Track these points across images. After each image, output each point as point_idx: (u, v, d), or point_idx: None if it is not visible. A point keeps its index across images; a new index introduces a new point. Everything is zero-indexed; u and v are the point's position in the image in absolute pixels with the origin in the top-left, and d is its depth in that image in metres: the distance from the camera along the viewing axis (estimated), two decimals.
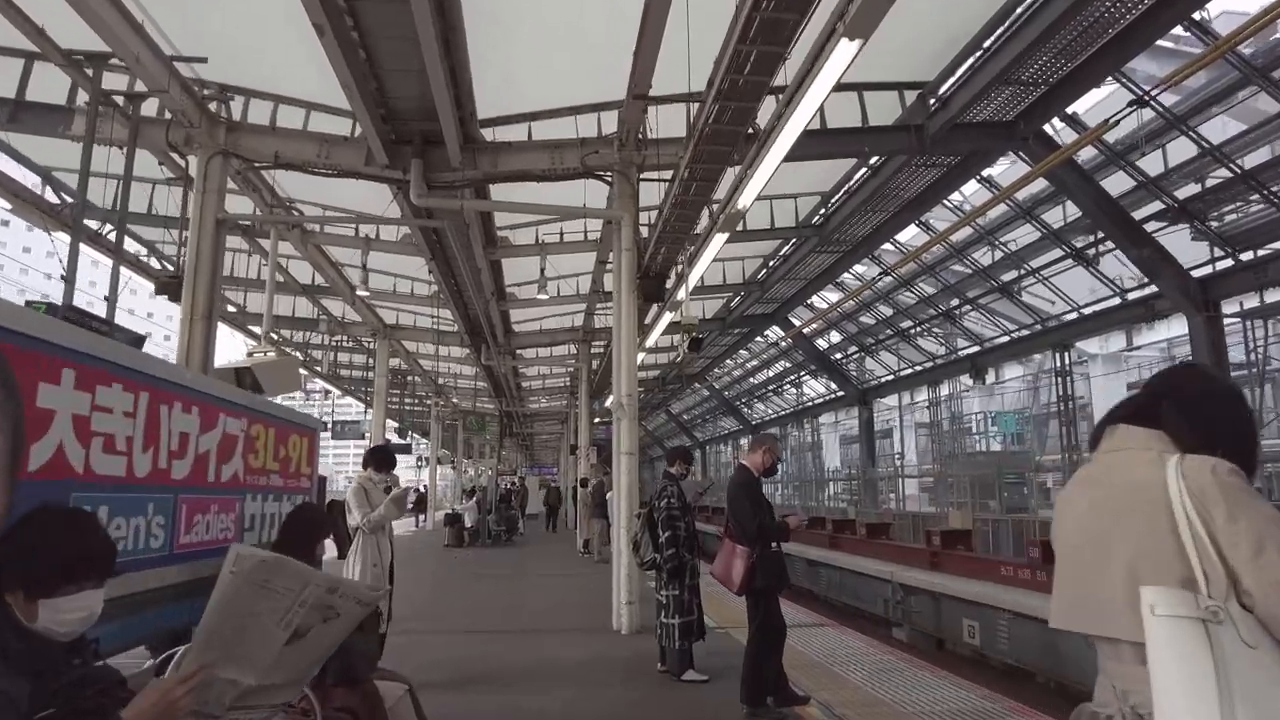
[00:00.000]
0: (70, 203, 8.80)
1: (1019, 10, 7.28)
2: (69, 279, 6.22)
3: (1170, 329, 14.15)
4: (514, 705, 4.79)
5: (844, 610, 11.55)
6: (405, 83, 6.77)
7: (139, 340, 3.00)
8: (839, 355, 21.17)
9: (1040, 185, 10.88)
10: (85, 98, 6.66)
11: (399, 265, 12.56)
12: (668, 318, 9.55)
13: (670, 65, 5.94)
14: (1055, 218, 11.65)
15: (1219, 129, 9.26)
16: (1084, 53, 7.42)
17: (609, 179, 8.02)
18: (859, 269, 15.33)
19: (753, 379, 27.88)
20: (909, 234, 13.77)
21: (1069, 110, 9.05)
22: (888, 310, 17.31)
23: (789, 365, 24.41)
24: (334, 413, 28.14)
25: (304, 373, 19.45)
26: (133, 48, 6.03)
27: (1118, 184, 10.06)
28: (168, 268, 10.42)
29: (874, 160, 10.10)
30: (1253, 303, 10.09)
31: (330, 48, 5.80)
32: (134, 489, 2.28)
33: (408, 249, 11.12)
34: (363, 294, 12.29)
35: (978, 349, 16.03)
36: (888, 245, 13.91)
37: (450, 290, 12.60)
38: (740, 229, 8.11)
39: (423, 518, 26.17)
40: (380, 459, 5.16)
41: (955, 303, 15.34)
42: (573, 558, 14.64)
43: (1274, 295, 9.78)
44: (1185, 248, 10.10)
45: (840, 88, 4.96)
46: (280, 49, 7.05)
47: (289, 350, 14.78)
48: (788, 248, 13.45)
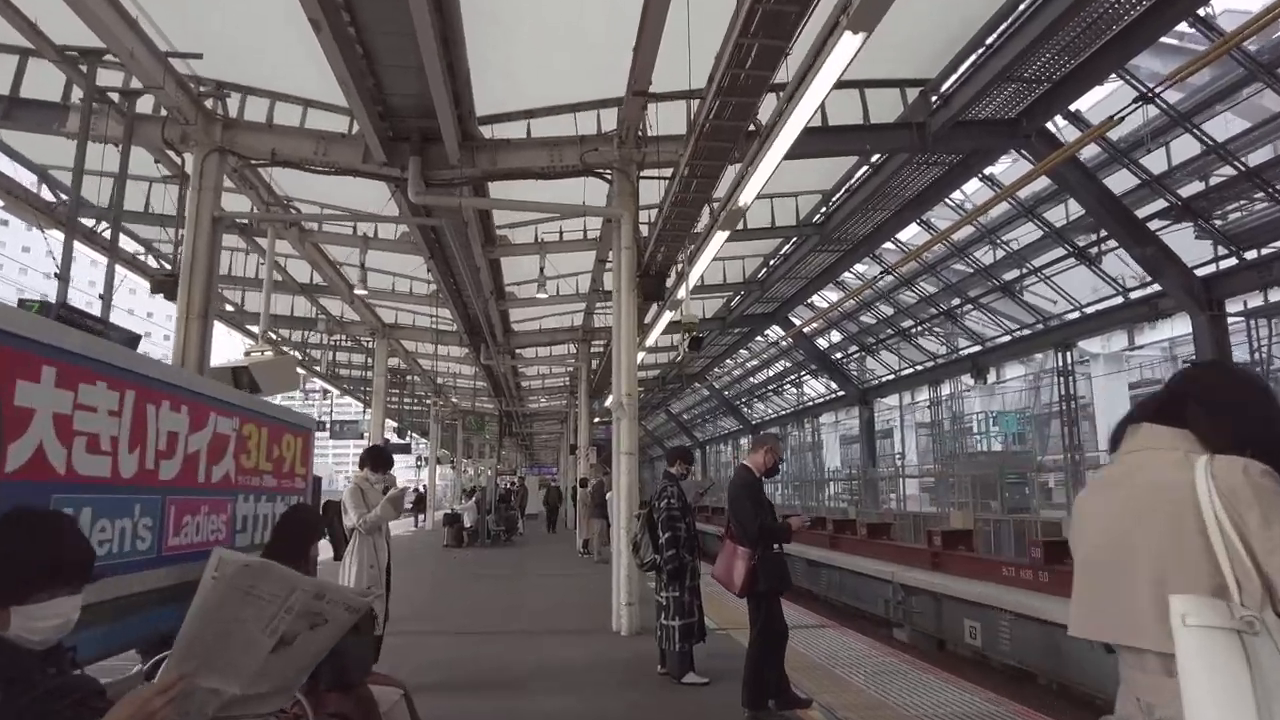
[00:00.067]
0: (65, 200, 8.74)
1: (1022, 7, 7.24)
2: (63, 277, 6.18)
3: (1173, 328, 14.09)
4: (512, 708, 4.74)
5: (844, 611, 11.51)
6: (403, 79, 6.71)
7: (134, 339, 2.94)
8: (839, 355, 21.13)
9: (1042, 184, 10.82)
10: (80, 94, 6.61)
11: (397, 264, 12.52)
12: (668, 317, 9.49)
13: (670, 63, 5.89)
14: (1057, 216, 11.59)
15: (1221, 127, 9.20)
16: (1087, 49, 7.37)
17: (608, 177, 7.96)
18: (860, 268, 15.28)
19: (753, 379, 27.83)
20: (910, 233, 13.73)
21: (1072, 108, 8.98)
22: (889, 309, 17.26)
23: (789, 365, 24.36)
24: (333, 412, 28.02)
25: (302, 372, 19.40)
26: (127, 43, 5.98)
27: (1121, 182, 10.00)
28: (165, 266, 10.36)
29: (875, 158, 10.05)
30: (1257, 302, 10.05)
31: (327, 43, 5.74)
32: (119, 490, 2.21)
33: (406, 248, 11.07)
34: (361, 293, 12.24)
35: (979, 348, 15.98)
36: (889, 244, 13.87)
37: (449, 289, 12.55)
38: (741, 227, 8.06)
39: (422, 518, 26.14)
40: (377, 459, 5.09)
41: (956, 302, 15.29)
42: (572, 558, 14.59)
43: (1278, 294, 9.73)
44: (1189, 246, 10.05)
45: (842, 85, 4.91)
46: (277, 45, 7.00)
47: (287, 350, 14.74)
48: (788, 247, 13.40)
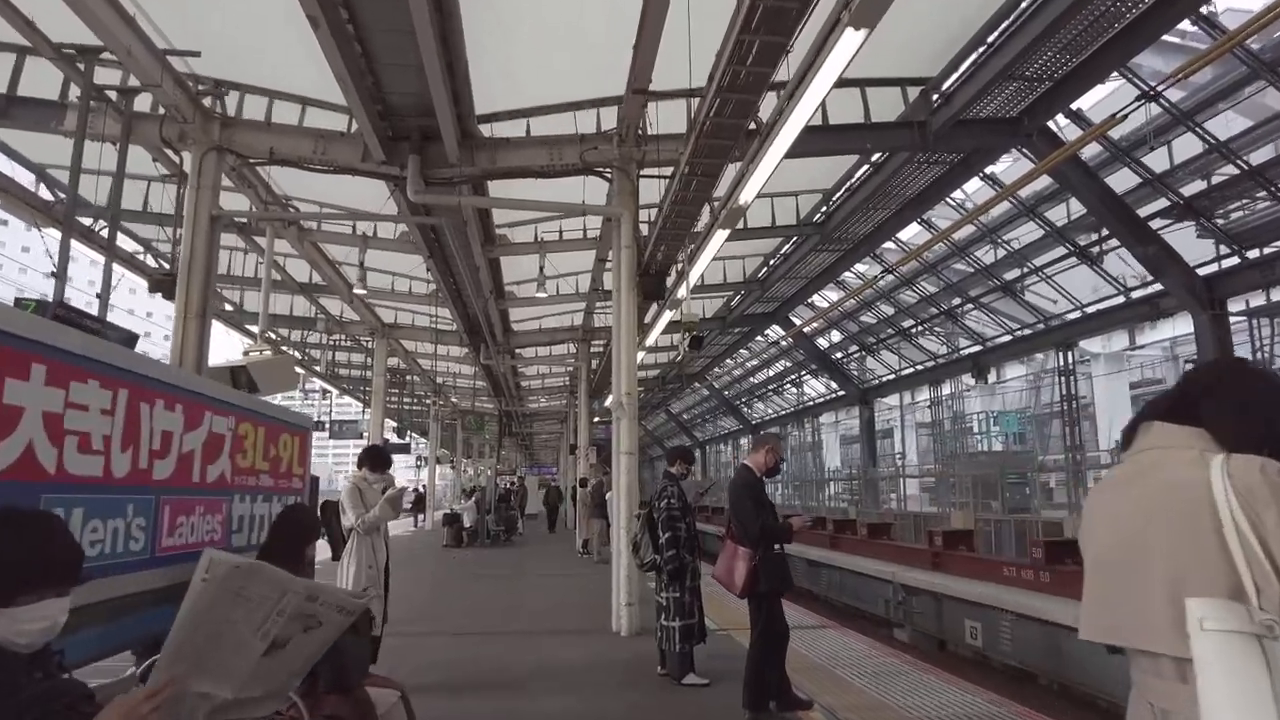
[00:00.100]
0: (63, 199, 8.71)
1: (1023, 4, 7.21)
2: (59, 276, 6.15)
3: (1174, 328, 14.05)
4: (511, 710, 4.71)
5: (845, 611, 11.48)
6: (402, 77, 6.68)
7: (131, 339, 2.91)
8: (840, 354, 21.09)
9: (1044, 182, 10.79)
10: (78, 92, 6.57)
11: (397, 263, 12.50)
12: (667, 316, 9.46)
13: (671, 62, 5.86)
14: (1059, 215, 11.56)
15: (1222, 126, 9.17)
16: (1089, 47, 7.33)
17: (608, 175, 7.93)
18: (860, 267, 15.25)
19: (753, 378, 27.80)
20: (911, 232, 13.70)
21: (1073, 106, 8.95)
22: (889, 309, 17.23)
23: (789, 364, 24.33)
24: (332, 412, 27.97)
25: (301, 372, 19.36)
26: (124, 41, 5.94)
27: (1122, 181, 9.97)
28: (163, 266, 10.33)
29: (876, 157, 10.03)
30: (1259, 301, 10.01)
31: (325, 41, 5.71)
32: (112, 490, 2.17)
33: (405, 247, 11.04)
34: (360, 292, 12.21)
35: (980, 348, 15.95)
36: (889, 243, 13.84)
37: (448, 289, 12.52)
38: (741, 227, 8.03)
39: (421, 518, 26.10)
40: (375, 458, 5.06)
41: (957, 301, 15.26)
42: (572, 558, 14.56)
43: None
44: (1191, 245, 10.01)
45: (843, 83, 4.88)
46: (275, 43, 6.97)
47: (286, 349, 14.70)
48: (788, 246, 13.38)
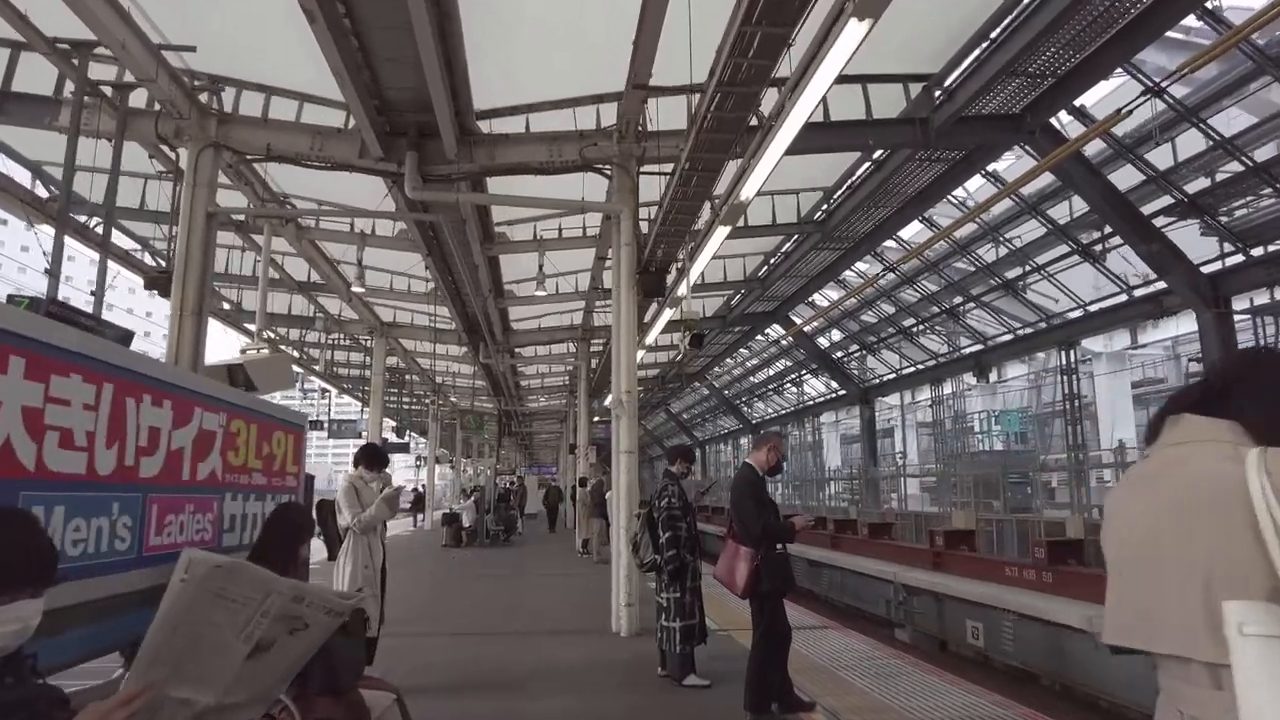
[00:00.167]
0: (56, 195, 8.65)
1: (1026, 0, 7.13)
2: (53, 273, 6.09)
3: (1177, 326, 13.99)
4: (509, 711, 4.66)
5: (845, 611, 11.43)
6: (399, 72, 6.62)
7: (127, 336, 2.84)
8: (840, 354, 21.02)
9: (1046, 180, 10.72)
10: (73, 88, 6.51)
11: (395, 262, 12.44)
12: (668, 314, 9.40)
13: (671, 59, 5.81)
14: (1061, 213, 11.48)
15: (1224, 123, 9.10)
16: (1093, 43, 7.26)
17: (608, 172, 7.87)
18: (861, 266, 15.18)
19: (753, 378, 27.73)
20: (912, 230, 13.63)
21: (1076, 103, 8.88)
22: (890, 308, 17.16)
23: (790, 364, 24.25)
24: (330, 411, 27.91)
25: (299, 371, 19.30)
26: (119, 35, 5.87)
27: (1126, 178, 9.89)
28: (161, 264, 10.26)
29: (877, 155, 9.96)
30: (1263, 299, 9.94)
31: (321, 35, 5.65)
32: (96, 487, 2.11)
33: (404, 245, 10.98)
34: (358, 290, 12.14)
35: (981, 347, 15.88)
36: (890, 242, 13.77)
37: (447, 287, 12.46)
38: (741, 224, 7.97)
39: (420, 517, 26.04)
40: (371, 457, 5.01)
41: (959, 300, 15.18)
42: (571, 558, 14.51)
43: None
44: (1195, 243, 9.94)
45: (844, 79, 4.82)
46: (272, 38, 6.91)
47: (284, 348, 14.64)
48: (789, 244, 13.32)
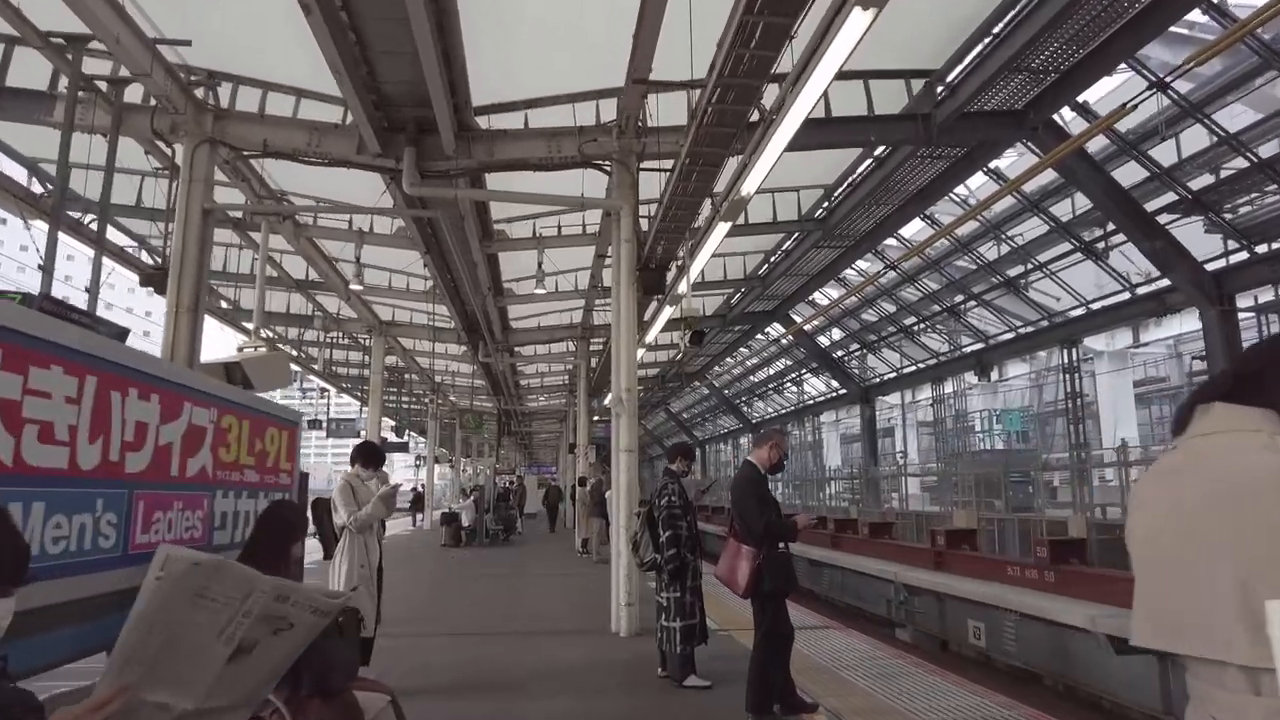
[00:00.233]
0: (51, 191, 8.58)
1: None
2: (47, 269, 6.04)
3: (1180, 325, 13.92)
4: (508, 712, 4.60)
5: (846, 611, 11.36)
6: (397, 66, 6.55)
7: (122, 334, 2.79)
8: (841, 352, 20.95)
9: (1049, 177, 10.65)
10: (67, 83, 6.44)
11: (394, 259, 12.38)
12: (668, 312, 9.34)
13: (671, 56, 5.75)
14: (1064, 210, 11.41)
15: (1229, 119, 9.03)
16: (1097, 38, 7.19)
17: (608, 169, 7.81)
18: (862, 264, 15.11)
19: (753, 377, 27.66)
20: (913, 228, 13.56)
21: (1079, 99, 8.81)
22: (891, 306, 17.09)
23: (790, 363, 24.18)
24: (329, 410, 27.86)
25: (297, 369, 19.23)
26: (113, 29, 5.81)
27: (1129, 175, 9.82)
28: (157, 261, 10.20)
29: (879, 152, 9.89)
30: (1268, 296, 9.86)
31: (318, 28, 5.59)
32: (78, 483, 2.04)
33: (402, 243, 10.91)
34: (356, 288, 12.07)
35: (982, 345, 15.81)
36: (891, 240, 13.70)
37: (446, 285, 12.39)
38: (742, 222, 7.91)
39: (420, 517, 25.98)
40: (367, 455, 4.95)
41: (960, 298, 15.11)
42: (571, 558, 14.45)
43: None
44: (1199, 240, 9.87)
45: (846, 75, 4.75)
46: (269, 33, 6.85)
47: (282, 346, 14.58)
48: (790, 242, 13.25)
